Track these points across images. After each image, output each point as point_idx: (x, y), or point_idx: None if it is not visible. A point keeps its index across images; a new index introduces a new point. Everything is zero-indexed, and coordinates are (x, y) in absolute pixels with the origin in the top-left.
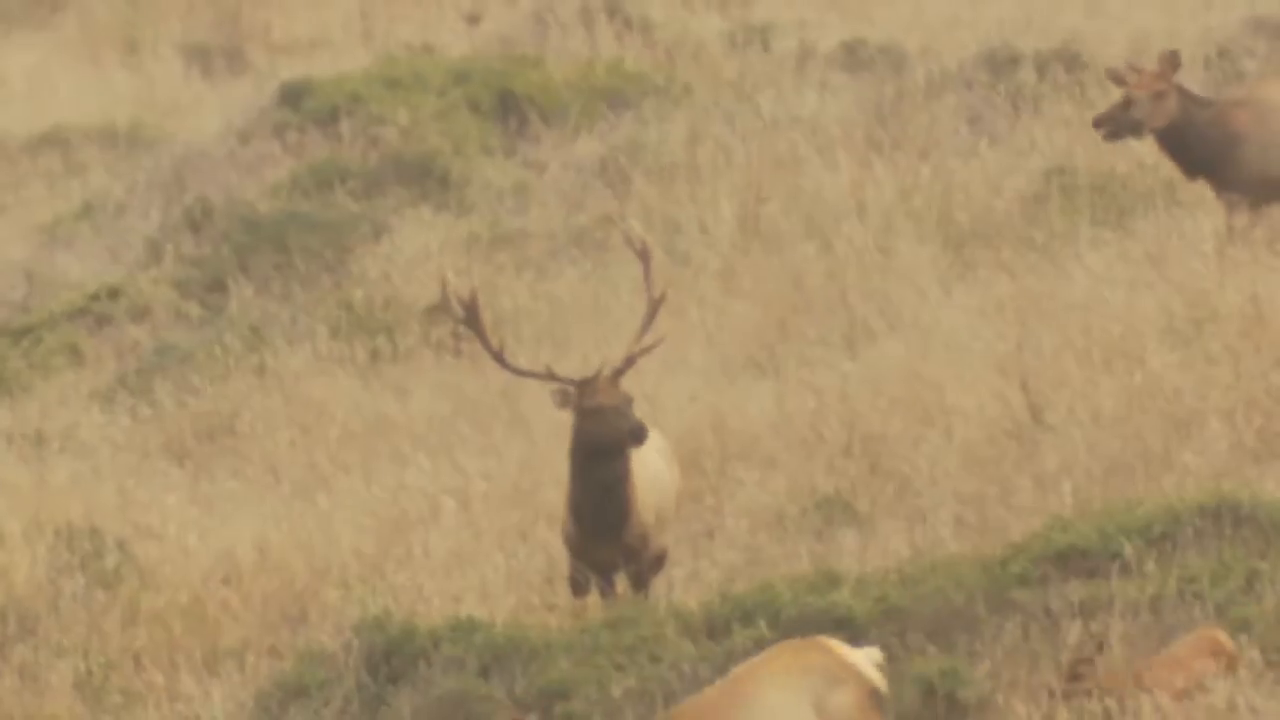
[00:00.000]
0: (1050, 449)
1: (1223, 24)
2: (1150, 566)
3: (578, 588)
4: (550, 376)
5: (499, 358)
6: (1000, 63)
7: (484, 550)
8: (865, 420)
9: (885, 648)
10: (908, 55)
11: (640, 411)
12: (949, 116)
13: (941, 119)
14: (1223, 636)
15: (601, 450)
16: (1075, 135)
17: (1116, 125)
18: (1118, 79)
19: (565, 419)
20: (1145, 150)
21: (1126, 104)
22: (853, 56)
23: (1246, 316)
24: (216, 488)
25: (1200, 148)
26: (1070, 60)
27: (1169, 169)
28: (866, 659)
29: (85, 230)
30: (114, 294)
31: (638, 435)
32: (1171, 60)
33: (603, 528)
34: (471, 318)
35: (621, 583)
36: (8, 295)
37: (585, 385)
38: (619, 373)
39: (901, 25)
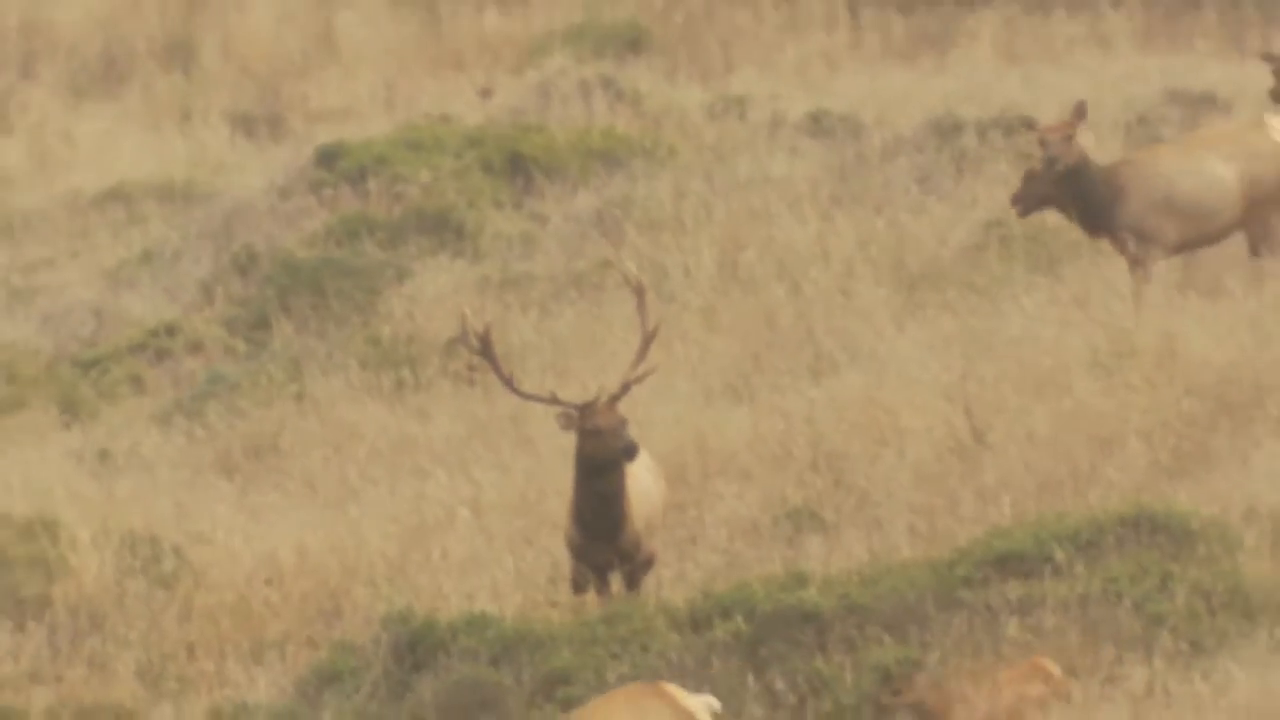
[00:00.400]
0: (990, 466)
1: (1143, 95)
2: (1079, 569)
3: (578, 586)
4: (554, 401)
5: (510, 384)
6: (946, 130)
7: (495, 554)
8: (829, 440)
9: (847, 639)
10: (865, 123)
11: (633, 432)
12: (901, 176)
13: (895, 178)
14: (1051, 666)
15: (600, 465)
16: (1012, 192)
17: (1028, 198)
18: (1029, 125)
19: (568, 439)
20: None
21: (1031, 175)
22: (817, 124)
23: (1161, 351)
24: (261, 499)
25: (1092, 197)
26: (1008, 127)
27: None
28: (704, 707)
29: (146, 274)
30: (171, 330)
31: (630, 452)
32: (1079, 110)
33: (601, 533)
34: (486, 349)
35: (616, 582)
36: (78, 331)
37: (586, 409)
38: (615, 398)
39: (860, 98)
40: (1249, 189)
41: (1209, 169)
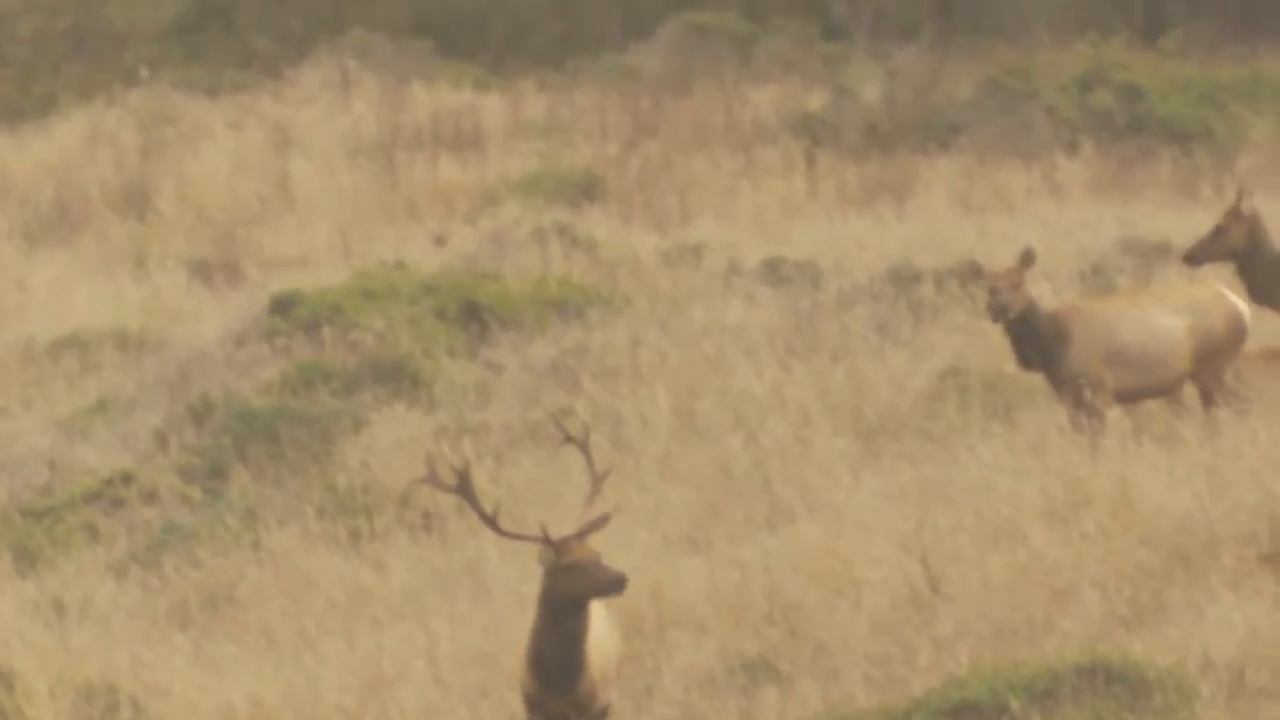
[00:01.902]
0: (947, 616)
1: (1096, 244)
2: (1035, 719)
3: None
4: (536, 538)
5: (491, 521)
6: (903, 278)
7: (451, 706)
8: (785, 591)
9: None
10: (822, 271)
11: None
12: (859, 324)
13: (852, 327)
14: None
15: (572, 602)
16: (969, 341)
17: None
18: (977, 271)
19: (527, 588)
20: None
21: (996, 291)
22: (774, 272)
23: (1116, 500)
24: (217, 650)
25: (1037, 340)
26: (963, 276)
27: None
28: None
29: (100, 423)
30: (126, 479)
31: (620, 582)
32: (1027, 256)
33: (559, 681)
34: (464, 487)
35: None
36: (32, 480)
37: (561, 545)
38: (583, 535)
39: (817, 245)
40: (1199, 342)
41: (1157, 321)
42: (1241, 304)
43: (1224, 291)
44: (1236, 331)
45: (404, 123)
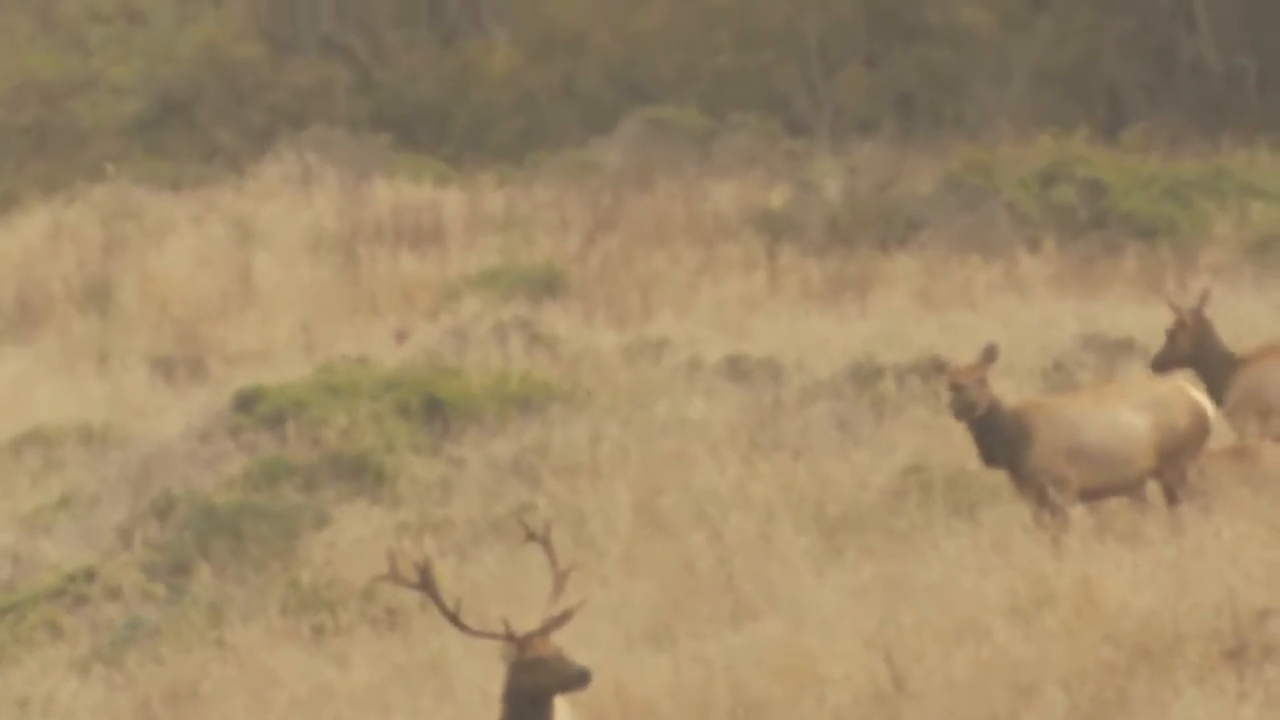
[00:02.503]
0: (911, 713)
1: (1059, 340)
2: None
3: None
4: (499, 635)
5: (454, 618)
6: (865, 374)
7: None
8: (749, 688)
9: None
10: (784, 367)
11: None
12: (821, 421)
13: (814, 423)
14: None
15: (538, 698)
16: (931, 437)
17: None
18: (939, 367)
19: (489, 683)
20: None
21: (960, 388)
22: (736, 368)
23: (1080, 597)
24: None
25: (1000, 437)
26: (925, 372)
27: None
28: None
29: (64, 519)
30: (89, 576)
31: (583, 677)
32: (990, 353)
33: None
34: (427, 582)
35: None
36: None
37: (524, 641)
38: (546, 631)
39: (779, 341)
40: (1162, 439)
41: (1121, 418)
42: (1205, 401)
43: (1187, 388)
44: (1200, 428)
45: (365, 217)
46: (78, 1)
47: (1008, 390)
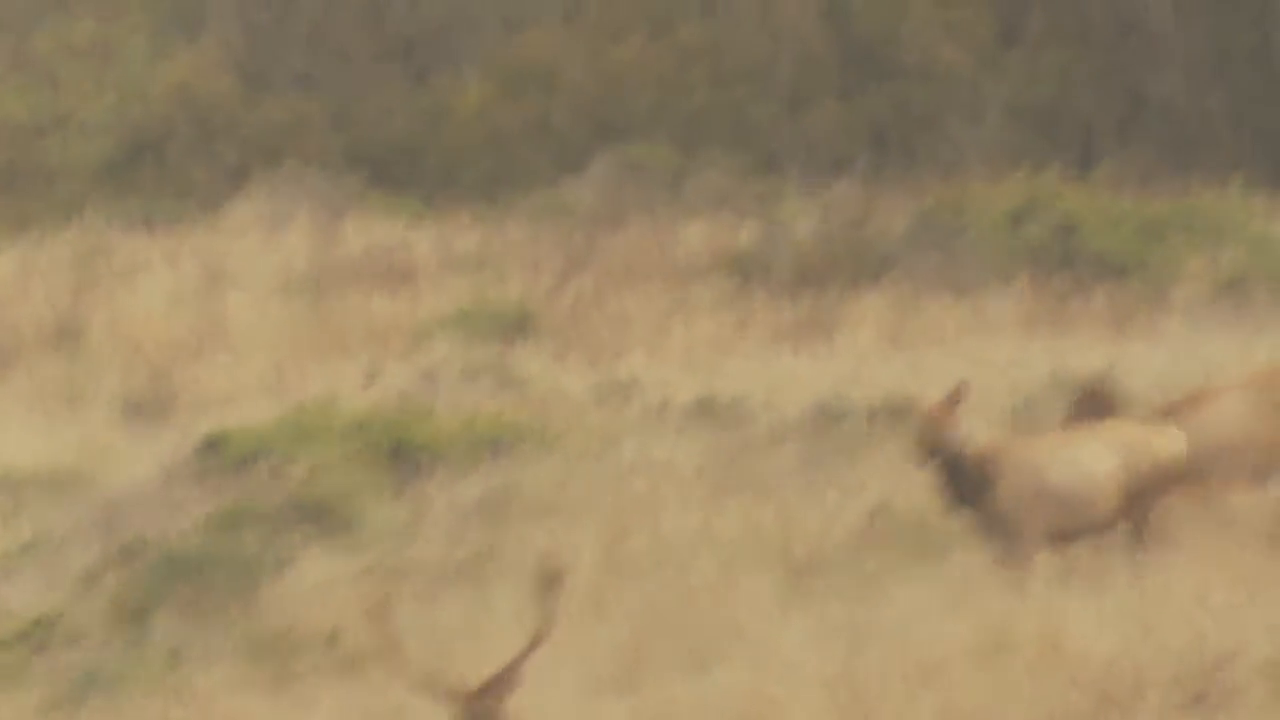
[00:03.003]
0: None
1: (1028, 379)
2: None
3: None
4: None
5: (403, 668)
6: (832, 414)
7: None
8: None
9: None
10: (752, 408)
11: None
12: (788, 462)
13: (781, 464)
14: None
15: None
16: (898, 478)
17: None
18: (910, 409)
19: None
20: None
21: (929, 426)
22: (704, 409)
23: (1043, 641)
24: None
25: (966, 478)
26: (894, 412)
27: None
28: None
29: (29, 563)
30: (51, 622)
31: None
32: (960, 391)
33: None
34: (383, 626)
35: None
36: None
37: (466, 698)
38: (490, 690)
39: (748, 382)
40: (1129, 482)
41: (1087, 460)
42: (1176, 442)
43: (1157, 429)
44: (1170, 470)
45: (337, 257)
46: (50, 38)
47: (977, 430)
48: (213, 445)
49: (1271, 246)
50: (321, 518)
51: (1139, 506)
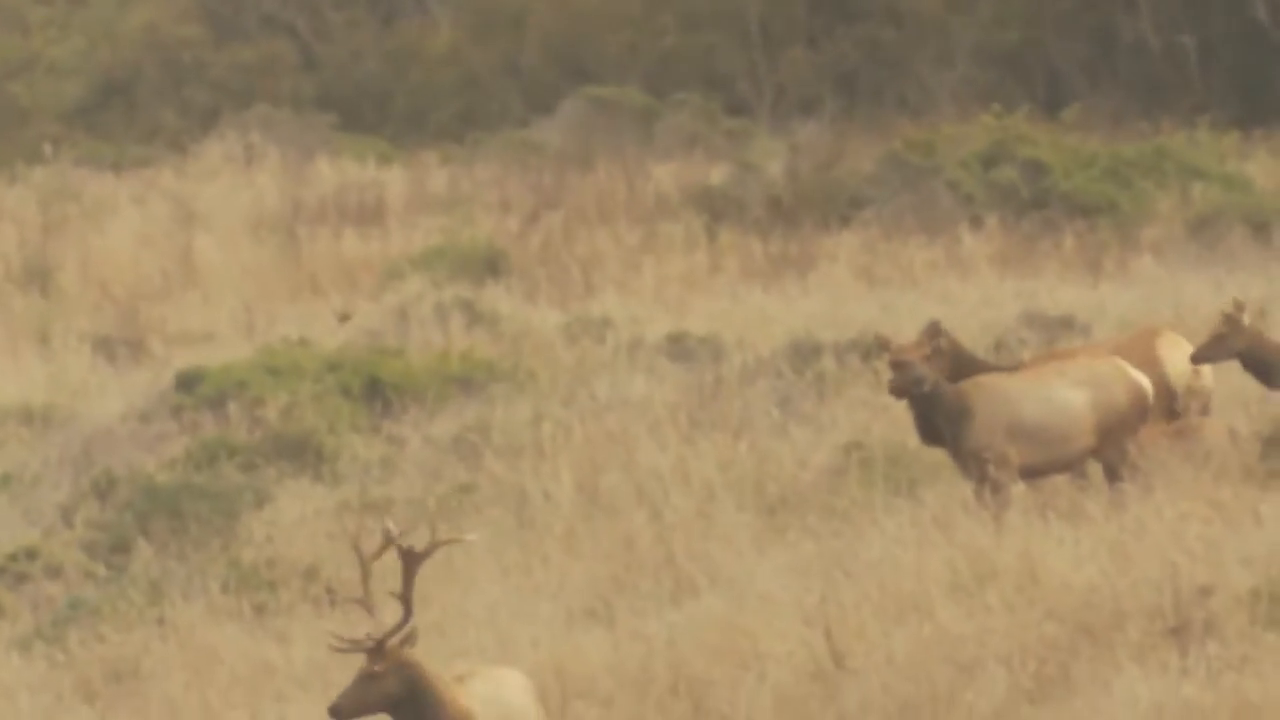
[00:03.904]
0: (851, 690)
1: (1000, 318)
2: None
3: None
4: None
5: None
6: (805, 352)
7: None
8: (689, 665)
9: None
10: (725, 346)
11: (490, 656)
12: (761, 399)
13: (755, 401)
14: None
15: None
16: (871, 415)
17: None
18: (884, 344)
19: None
20: None
21: (905, 365)
22: (677, 346)
23: (1021, 574)
24: None
25: (939, 415)
26: (866, 350)
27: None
28: None
29: (4, 499)
30: (31, 555)
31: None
32: (932, 330)
33: None
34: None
35: None
36: None
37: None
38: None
39: (719, 319)
40: (1101, 417)
41: (1059, 395)
42: (1144, 379)
43: (1126, 366)
44: (1139, 406)
45: (307, 197)
46: None
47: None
48: (187, 382)
49: (1242, 186)
50: (298, 454)
51: (1112, 441)
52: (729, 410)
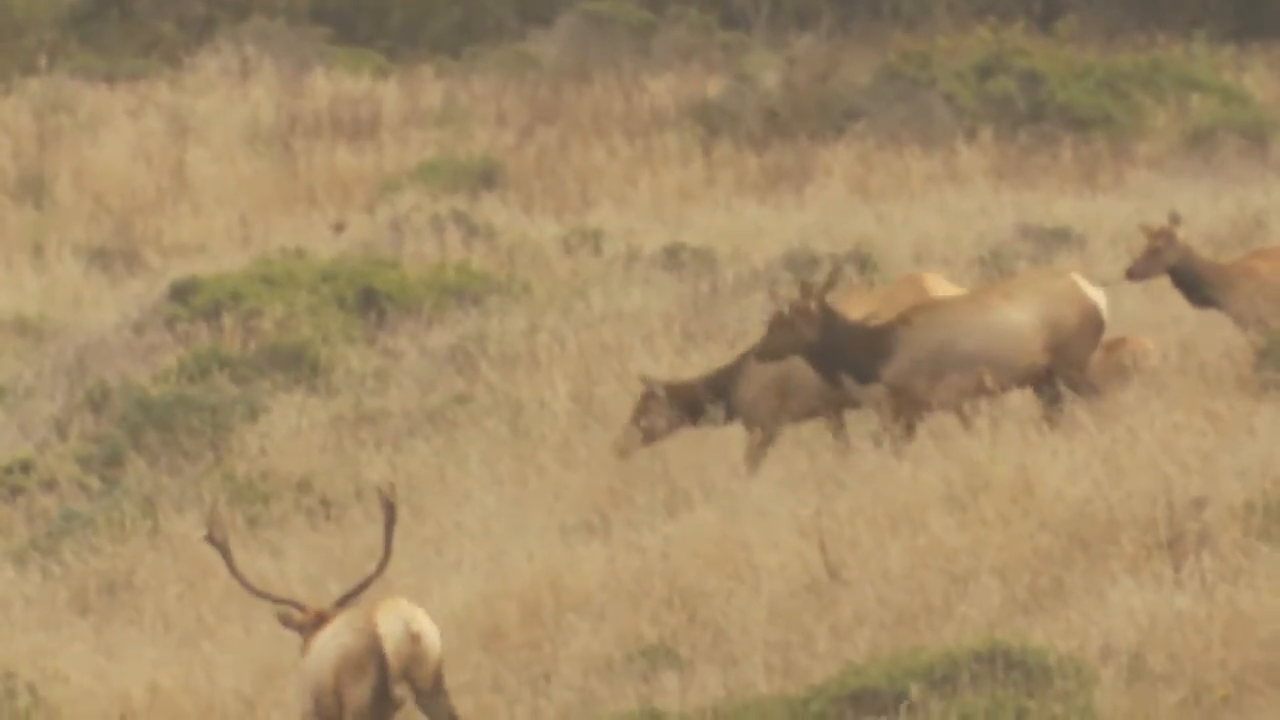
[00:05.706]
0: (846, 602)
1: (994, 229)
2: (933, 705)
3: None
4: (285, 602)
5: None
6: (800, 264)
7: None
8: (684, 577)
9: None
10: (720, 258)
11: (484, 571)
12: (756, 311)
13: (749, 313)
14: None
15: None
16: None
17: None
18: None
19: (421, 578)
20: None
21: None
22: (672, 258)
23: (1015, 486)
24: (116, 637)
25: (861, 355)
26: (861, 261)
27: None
28: None
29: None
30: (25, 467)
31: None
32: (835, 275)
33: None
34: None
35: None
36: None
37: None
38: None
39: (715, 232)
40: (1050, 336)
41: (999, 318)
42: (1098, 295)
43: (1079, 282)
44: (1093, 322)
45: (303, 110)
46: None
47: (955, 278)
48: (181, 293)
49: (1239, 99)
50: (293, 365)
51: (1066, 358)
52: (723, 321)
